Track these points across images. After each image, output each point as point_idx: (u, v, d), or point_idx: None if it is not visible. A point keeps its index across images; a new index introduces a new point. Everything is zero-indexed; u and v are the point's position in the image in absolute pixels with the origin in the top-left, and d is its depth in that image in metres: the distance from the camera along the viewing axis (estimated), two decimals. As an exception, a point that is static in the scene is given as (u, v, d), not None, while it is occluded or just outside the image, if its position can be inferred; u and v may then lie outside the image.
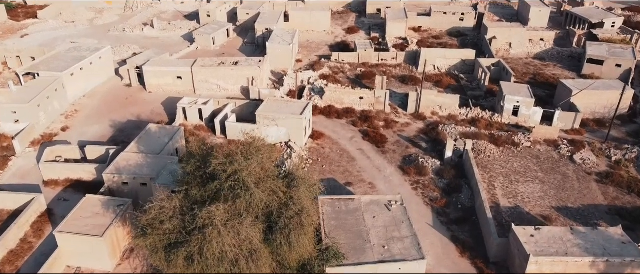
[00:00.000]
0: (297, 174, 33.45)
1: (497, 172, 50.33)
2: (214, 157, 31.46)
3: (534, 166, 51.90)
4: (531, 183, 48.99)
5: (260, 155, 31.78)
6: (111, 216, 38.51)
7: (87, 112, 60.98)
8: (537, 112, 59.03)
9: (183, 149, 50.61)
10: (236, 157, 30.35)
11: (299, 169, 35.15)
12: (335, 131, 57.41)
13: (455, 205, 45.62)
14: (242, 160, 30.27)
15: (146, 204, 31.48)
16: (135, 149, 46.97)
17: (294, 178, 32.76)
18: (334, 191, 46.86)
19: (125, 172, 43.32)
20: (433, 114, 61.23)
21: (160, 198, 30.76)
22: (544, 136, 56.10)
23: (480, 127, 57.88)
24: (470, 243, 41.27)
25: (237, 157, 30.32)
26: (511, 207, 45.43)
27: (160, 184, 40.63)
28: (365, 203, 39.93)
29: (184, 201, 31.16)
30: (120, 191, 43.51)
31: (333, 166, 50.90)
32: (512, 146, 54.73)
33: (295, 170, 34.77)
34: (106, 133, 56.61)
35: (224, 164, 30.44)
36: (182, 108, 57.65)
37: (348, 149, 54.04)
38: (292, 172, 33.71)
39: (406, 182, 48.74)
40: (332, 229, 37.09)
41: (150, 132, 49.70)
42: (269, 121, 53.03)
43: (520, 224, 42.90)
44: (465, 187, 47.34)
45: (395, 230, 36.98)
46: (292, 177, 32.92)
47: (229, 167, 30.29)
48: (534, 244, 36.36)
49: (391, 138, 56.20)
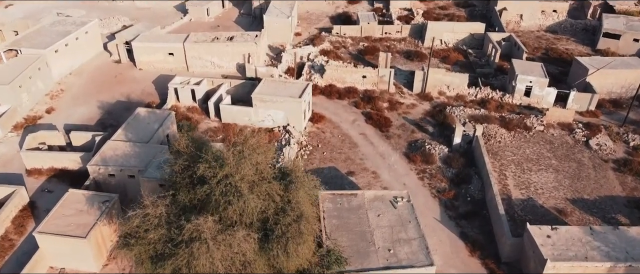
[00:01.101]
0: (295, 172, 30.34)
1: (508, 160, 47.39)
2: (203, 159, 28.37)
3: (548, 152, 48.91)
4: (544, 172, 46.12)
5: (254, 156, 28.62)
6: (96, 213, 35.80)
7: (73, 92, 57.56)
8: (551, 92, 55.60)
9: (174, 135, 47.51)
10: (227, 160, 27.25)
11: (298, 168, 31.99)
12: (336, 113, 54.16)
13: (464, 197, 42.87)
14: (233, 164, 27.20)
15: (129, 209, 28.71)
16: (122, 136, 43.87)
17: (292, 179, 29.72)
18: (335, 180, 44.08)
19: (111, 163, 40.38)
20: (440, 94, 57.81)
21: (143, 204, 27.88)
22: (558, 118, 52.87)
23: (490, 109, 54.58)
24: (481, 240, 38.71)
25: (228, 161, 27.23)
26: (524, 199, 42.72)
27: (148, 178, 37.86)
28: (369, 199, 37.14)
29: (170, 206, 28.31)
30: (107, 183, 40.69)
31: (334, 152, 47.91)
32: (524, 130, 51.60)
33: (294, 168, 31.69)
34: (94, 115, 53.40)
35: (213, 168, 27.41)
36: (174, 89, 54.22)
37: (350, 133, 50.93)
38: (290, 171, 30.63)
39: (412, 171, 45.86)
40: (333, 229, 34.44)
41: (139, 117, 46.47)
42: (265, 104, 49.72)
43: (533, 218, 40.43)
44: (475, 178, 44.47)
45: (402, 231, 34.31)
46: (290, 179, 29.87)
47: (219, 171, 27.27)
48: (550, 247, 33.75)
49: (396, 121, 53.00)
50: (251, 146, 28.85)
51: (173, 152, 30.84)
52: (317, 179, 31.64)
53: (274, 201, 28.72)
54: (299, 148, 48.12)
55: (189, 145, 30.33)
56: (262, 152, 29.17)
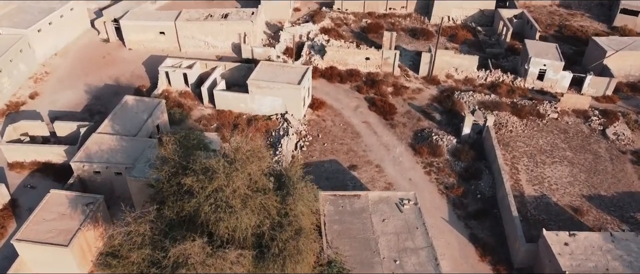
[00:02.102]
0: (293, 179, 27.53)
1: (520, 152, 44.61)
2: (191, 169, 25.54)
3: (562, 142, 46.08)
4: (559, 165, 43.41)
5: (248, 166, 25.76)
6: (79, 217, 33.22)
7: (59, 75, 54.23)
8: (566, 76, 52.29)
9: (165, 124, 44.58)
10: (217, 173, 24.42)
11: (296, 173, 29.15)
12: (337, 99, 51.04)
13: (473, 194, 40.31)
14: (223, 177, 24.39)
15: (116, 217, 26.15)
16: (108, 128, 40.94)
17: (290, 191, 26.91)
18: (336, 175, 41.43)
19: (96, 159, 37.62)
20: (448, 77, 54.50)
21: (125, 221, 25.25)
22: (574, 105, 49.80)
23: (501, 94, 51.41)
24: (492, 243, 36.35)
25: (218, 173, 24.40)
26: (537, 196, 40.17)
27: (135, 178, 35.18)
28: (373, 201, 34.56)
29: (156, 222, 25.67)
30: (93, 180, 38.06)
31: (335, 143, 45.07)
32: (536, 117, 48.59)
33: (292, 174, 28.88)
34: (81, 100, 50.30)
35: (202, 181, 24.63)
36: (165, 72, 50.93)
37: (352, 121, 47.97)
38: (288, 178, 27.80)
39: (418, 164, 43.13)
40: (334, 237, 31.98)
41: (126, 106, 43.40)
42: (262, 90, 46.57)
43: (547, 218, 38.06)
44: (485, 173, 41.79)
45: (409, 238, 31.85)
46: (288, 190, 27.06)
47: (208, 184, 24.49)
48: (568, 257, 31.36)
49: (401, 108, 49.93)
50: (244, 154, 25.92)
51: (159, 158, 27.96)
52: (316, 188, 28.81)
53: (270, 215, 26.05)
54: (298, 139, 45.27)
55: (177, 150, 27.43)
56: (257, 160, 26.27)
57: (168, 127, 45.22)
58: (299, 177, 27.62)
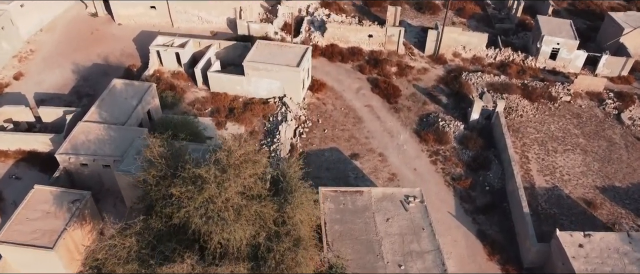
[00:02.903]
0: (291, 182, 25.43)
1: (531, 139, 42.39)
2: (180, 177, 23.36)
3: (575, 128, 43.82)
4: (571, 153, 41.30)
5: (242, 170, 23.61)
6: (65, 216, 31.29)
7: (45, 52, 51.36)
8: (580, 56, 49.52)
9: (156, 109, 42.18)
10: (207, 183, 22.26)
11: (294, 169, 27.05)
12: (338, 80, 48.43)
13: (482, 186, 38.34)
14: (214, 187, 22.25)
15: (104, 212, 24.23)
16: (96, 115, 38.55)
17: (288, 199, 24.82)
18: (337, 165, 39.36)
19: (83, 150, 35.42)
20: (455, 55, 51.71)
21: (110, 234, 23.30)
22: (587, 87, 47.29)
23: (511, 75, 48.79)
24: (500, 240, 34.61)
25: (208, 183, 22.25)
26: (548, 187, 38.23)
27: (123, 172, 33.09)
28: (377, 198, 32.57)
29: (143, 233, 23.70)
30: (80, 173, 35.99)
31: (336, 129, 42.79)
32: (548, 100, 46.17)
33: (290, 173, 26.74)
34: (68, 81, 47.70)
35: (190, 192, 22.51)
36: (156, 51, 48.09)
37: (354, 105, 45.53)
38: (286, 182, 25.67)
39: (423, 153, 40.99)
40: (335, 238, 30.14)
41: (114, 91, 40.86)
42: (259, 73, 43.93)
43: (559, 212, 36.25)
44: (495, 163, 39.69)
45: (414, 240, 30.02)
46: (285, 195, 24.98)
47: (197, 195, 22.39)
48: (583, 260, 29.62)
49: (405, 90, 47.40)
50: (237, 159, 23.70)
51: (146, 161, 25.76)
52: (316, 192, 26.74)
53: (266, 224, 24.08)
54: (297, 125, 42.96)
55: (165, 153, 25.21)
56: (251, 165, 24.07)
57: (160, 112, 42.86)
58: (298, 181, 25.46)
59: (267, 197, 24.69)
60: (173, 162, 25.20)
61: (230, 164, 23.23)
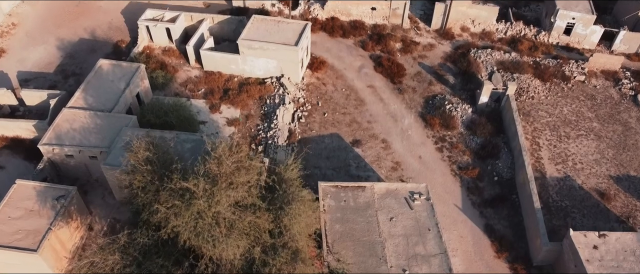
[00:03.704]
0: (287, 191, 23.47)
1: (542, 123, 40.18)
2: (166, 189, 21.34)
3: (588, 111, 41.53)
4: (584, 139, 39.20)
5: (234, 178, 21.60)
6: (49, 214, 29.51)
7: (28, 27, 48.36)
8: (596, 31, 46.60)
9: (146, 92, 39.77)
10: (196, 197, 20.27)
11: (292, 170, 25.09)
12: (339, 57, 45.71)
13: (490, 176, 36.43)
14: (203, 203, 20.26)
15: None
16: (81, 100, 36.20)
17: (285, 205, 22.90)
18: (337, 153, 37.33)
19: (67, 141, 33.29)
20: (463, 30, 48.74)
21: (91, 251, 21.51)
22: (603, 65, 44.66)
23: (523, 51, 46.03)
24: (509, 236, 33.00)
25: (196, 198, 20.25)
26: (560, 178, 36.35)
27: (111, 166, 31.11)
28: (380, 195, 30.70)
29: (128, 247, 21.91)
30: (65, 163, 34.01)
31: (337, 113, 40.49)
32: (561, 80, 43.65)
33: (288, 174, 24.77)
34: (53, 59, 45.02)
35: (177, 207, 20.54)
36: (145, 26, 45.14)
37: (356, 85, 43.03)
38: (282, 191, 23.70)
39: (429, 139, 38.87)
40: (336, 239, 28.45)
41: (101, 73, 38.32)
42: (255, 52, 41.25)
43: (571, 205, 34.51)
44: (504, 150, 37.62)
45: (419, 242, 28.34)
46: (281, 205, 23.03)
47: (185, 211, 20.44)
48: (597, 263, 28.04)
49: (410, 68, 44.77)
50: (229, 167, 21.61)
51: (130, 166, 23.69)
52: (316, 198, 24.82)
53: (262, 237, 22.26)
54: (295, 108, 40.63)
55: (151, 158, 23.11)
56: (244, 173, 22.02)
57: (150, 94, 40.49)
58: (297, 188, 23.47)
59: (262, 207, 22.73)
60: (160, 166, 23.16)
61: (221, 174, 21.17)
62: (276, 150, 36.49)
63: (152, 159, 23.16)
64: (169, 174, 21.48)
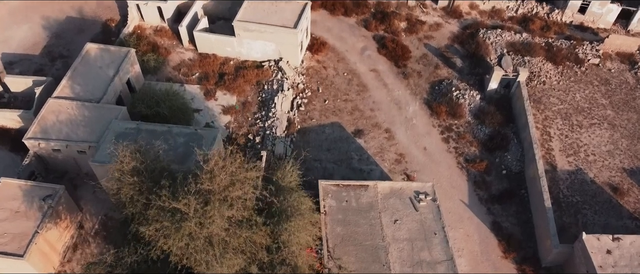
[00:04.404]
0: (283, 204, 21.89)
1: (553, 110, 38.30)
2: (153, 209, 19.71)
3: (602, 97, 39.58)
4: (598, 128, 37.42)
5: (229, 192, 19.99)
6: (36, 215, 28.09)
7: (11, 5, 45.61)
8: (613, 10, 44.04)
9: (137, 78, 37.72)
10: (186, 219, 18.68)
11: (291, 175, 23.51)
12: (341, 38, 43.34)
13: (498, 169, 34.84)
14: (193, 225, 18.69)
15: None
16: (67, 89, 34.22)
17: (283, 219, 21.38)
18: (338, 145, 35.63)
19: (54, 134, 31.51)
20: (472, 7, 46.12)
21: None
22: (619, 47, 42.40)
23: (534, 32, 43.62)
24: (517, 235, 31.69)
25: (187, 220, 18.67)
26: (571, 171, 34.78)
27: (100, 163, 29.46)
28: (384, 195, 29.19)
29: (116, 266, 20.50)
30: (53, 158, 32.37)
31: (338, 100, 38.53)
32: (574, 63, 41.49)
33: (288, 179, 23.19)
34: (39, 39, 42.67)
35: (166, 229, 18.99)
36: (136, 5, 42.56)
37: (358, 69, 40.89)
38: (279, 204, 22.10)
39: (434, 128, 37.08)
40: (337, 243, 27.12)
41: (88, 58, 36.15)
42: (251, 34, 38.93)
43: (582, 199, 33.29)
44: (513, 142, 35.89)
45: (425, 247, 27.01)
46: (279, 218, 21.50)
47: (175, 233, 18.90)
48: (611, 269, 26.80)
49: (415, 50, 42.48)
50: (222, 181, 19.94)
51: (115, 179, 22.03)
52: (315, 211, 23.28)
53: (258, 254, 20.84)
54: (294, 94, 38.64)
55: (138, 168, 21.41)
56: (239, 187, 20.38)
57: (141, 79, 38.46)
58: (295, 200, 21.89)
59: (259, 222, 21.18)
60: (148, 177, 21.50)
61: (213, 191, 19.52)
62: (274, 142, 34.76)
63: (139, 169, 21.45)
64: (158, 190, 19.79)
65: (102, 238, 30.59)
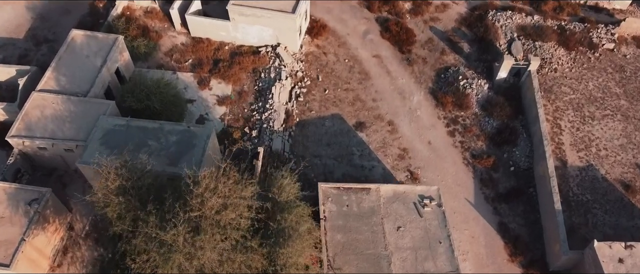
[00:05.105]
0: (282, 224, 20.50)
1: (564, 101, 36.52)
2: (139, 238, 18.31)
3: (616, 86, 37.72)
4: (610, 120, 35.74)
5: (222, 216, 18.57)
6: (22, 221, 26.77)
7: (-8, -18, 43.12)
8: (631, -10, 41.58)
9: (126, 66, 35.74)
10: (175, 250, 17.31)
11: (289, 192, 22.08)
12: (342, 20, 41.02)
13: (505, 165, 33.37)
14: (182, 258, 17.33)
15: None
16: (52, 81, 32.31)
17: (281, 240, 20.03)
18: (339, 139, 34.05)
19: (39, 132, 29.87)
20: (481, -14, 43.53)
21: None
22: (636, 31, 40.17)
23: (547, 13, 41.25)
24: (524, 237, 30.53)
25: (176, 252, 17.30)
26: (582, 167, 33.33)
27: (88, 164, 27.96)
28: (386, 198, 27.82)
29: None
30: (39, 155, 30.83)
31: (339, 89, 36.67)
32: (588, 49, 39.38)
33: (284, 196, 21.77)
34: (23, 21, 40.38)
35: (153, 261, 17.64)
36: (124, -16, 40.07)
37: (360, 55, 38.81)
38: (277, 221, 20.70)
39: (440, 120, 35.39)
40: (337, 252, 25.94)
41: (74, 46, 34.04)
42: (247, 18, 36.68)
43: (593, 198, 32.06)
44: (522, 136, 34.27)
45: (429, 257, 25.85)
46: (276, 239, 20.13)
47: (163, 265, 17.56)
48: (623, 280, 25.74)
49: (421, 34, 40.26)
50: (215, 204, 18.46)
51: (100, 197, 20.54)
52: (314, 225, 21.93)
53: (254, 279, 19.64)
54: (293, 83, 36.73)
55: (124, 186, 19.91)
56: (232, 210, 18.92)
57: (131, 67, 36.50)
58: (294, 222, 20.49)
59: (254, 246, 19.82)
60: (135, 196, 20.03)
61: (204, 216, 18.08)
62: (272, 137, 33.14)
63: (126, 187, 19.94)
64: (145, 216, 18.33)
65: (93, 240, 29.44)
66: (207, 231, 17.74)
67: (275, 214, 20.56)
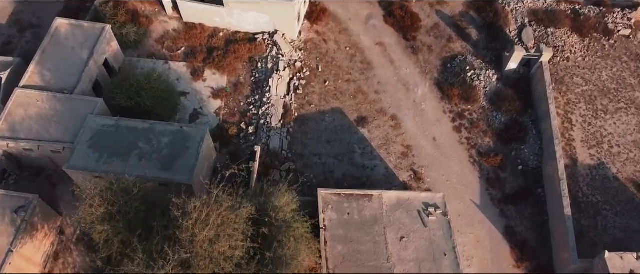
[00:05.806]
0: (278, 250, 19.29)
1: (577, 93, 34.81)
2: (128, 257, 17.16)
3: (631, 76, 35.92)
4: (624, 114, 34.16)
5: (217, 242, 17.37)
6: (9, 230, 25.63)
7: (-29, -40, 40.54)
8: (650, -30, 39.03)
9: (115, 56, 33.84)
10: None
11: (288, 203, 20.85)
12: (343, 4, 38.73)
13: (513, 164, 31.99)
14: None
15: None
16: (36, 77, 30.54)
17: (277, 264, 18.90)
18: (340, 135, 32.55)
19: (23, 133, 28.36)
20: (491, -35, 40.92)
21: None
22: (653, 16, 37.98)
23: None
24: (531, 242, 29.49)
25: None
26: (593, 165, 31.98)
27: (75, 169, 26.66)
28: (389, 206, 26.56)
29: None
30: (26, 156, 29.44)
31: (340, 80, 34.87)
32: (603, 35, 37.32)
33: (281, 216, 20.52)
34: (4, 5, 38.18)
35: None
36: (111, -35, 37.55)
37: (362, 43, 36.79)
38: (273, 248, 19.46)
39: (445, 115, 33.78)
40: (338, 263, 24.89)
41: (58, 37, 32.04)
42: (242, 4, 34.51)
43: (603, 199, 30.96)
44: (531, 132, 32.74)
45: (433, 270, 24.81)
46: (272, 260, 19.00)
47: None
48: (634, 294, 24.81)
49: (427, 19, 38.07)
50: (206, 237, 17.20)
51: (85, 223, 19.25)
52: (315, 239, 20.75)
53: (250, 310, 18.60)
54: (291, 74, 34.90)
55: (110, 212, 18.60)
56: (225, 240, 17.68)
57: (120, 57, 34.62)
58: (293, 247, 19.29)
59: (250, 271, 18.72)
60: (123, 219, 18.76)
61: (195, 253, 16.84)
62: (269, 134, 31.63)
63: (112, 213, 18.64)
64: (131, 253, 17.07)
65: (84, 244, 28.41)
66: (199, 266, 16.59)
67: (272, 236, 19.36)
